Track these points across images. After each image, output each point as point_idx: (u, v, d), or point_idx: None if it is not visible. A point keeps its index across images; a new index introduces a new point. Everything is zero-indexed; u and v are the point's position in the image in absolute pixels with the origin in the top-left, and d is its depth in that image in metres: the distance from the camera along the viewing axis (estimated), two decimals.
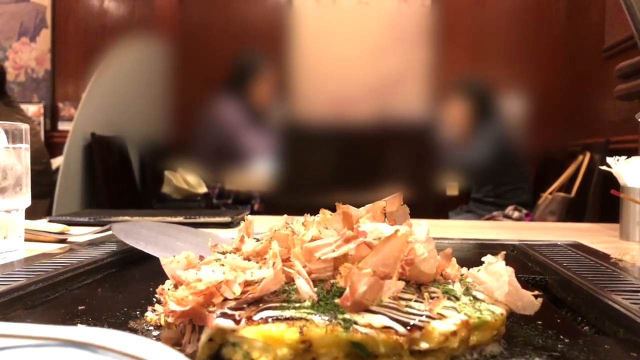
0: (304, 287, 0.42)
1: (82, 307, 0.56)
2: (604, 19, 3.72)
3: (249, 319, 0.40)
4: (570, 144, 4.02)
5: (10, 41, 4.87)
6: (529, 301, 0.46)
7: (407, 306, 0.42)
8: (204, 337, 0.41)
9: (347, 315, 0.40)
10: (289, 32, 1.59)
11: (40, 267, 0.68)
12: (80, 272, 0.69)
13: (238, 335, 0.40)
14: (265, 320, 0.40)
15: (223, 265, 0.46)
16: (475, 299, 0.47)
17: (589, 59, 3.95)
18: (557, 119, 4.41)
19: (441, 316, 0.41)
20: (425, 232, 0.46)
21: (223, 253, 0.52)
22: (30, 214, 0.97)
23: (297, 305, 0.41)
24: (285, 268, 0.44)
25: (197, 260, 0.49)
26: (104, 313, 0.53)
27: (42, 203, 3.36)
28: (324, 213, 0.52)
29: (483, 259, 0.49)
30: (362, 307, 0.40)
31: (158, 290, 0.44)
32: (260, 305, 0.41)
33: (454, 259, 0.51)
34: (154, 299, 0.57)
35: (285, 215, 0.59)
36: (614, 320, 0.53)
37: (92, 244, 0.87)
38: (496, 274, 0.47)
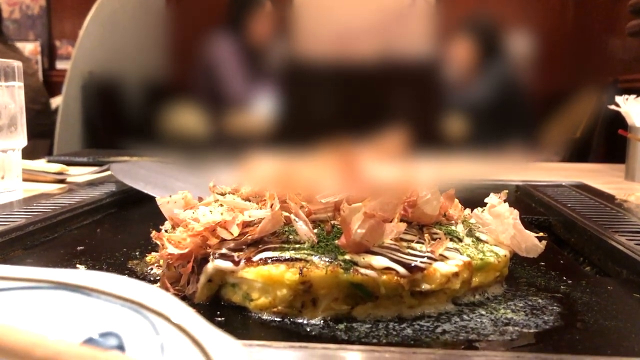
0: (303, 229, 0.42)
1: (81, 247, 0.56)
2: None
3: (249, 260, 0.40)
4: (578, 83, 3.96)
5: None
6: (533, 244, 0.45)
7: (408, 247, 0.41)
8: (203, 278, 0.41)
9: (347, 257, 0.39)
10: None
11: (39, 208, 0.67)
12: (79, 212, 0.68)
13: (237, 277, 0.40)
14: (264, 262, 0.39)
15: (222, 205, 0.46)
16: (479, 240, 0.46)
17: None
18: (564, 57, 4.32)
19: (443, 257, 0.41)
20: (429, 173, 0.45)
21: (222, 194, 0.51)
22: (31, 154, 0.96)
23: (297, 246, 0.41)
24: (284, 212, 0.43)
25: (194, 201, 0.48)
26: (103, 253, 0.53)
27: (42, 143, 3.35)
28: (325, 155, 0.50)
29: (486, 199, 0.48)
30: (363, 249, 0.40)
31: (154, 235, 0.43)
32: (260, 246, 0.41)
33: (457, 200, 0.50)
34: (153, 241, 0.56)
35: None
36: (618, 261, 0.53)
37: (91, 184, 0.87)
38: (500, 217, 0.46)
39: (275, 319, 0.39)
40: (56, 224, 0.63)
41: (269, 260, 0.39)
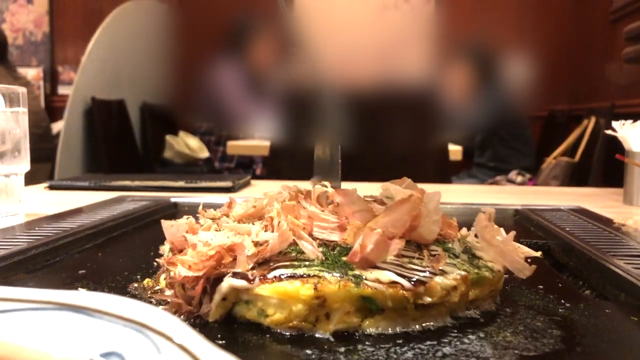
0: (308, 248, 0.43)
1: (83, 271, 0.56)
2: None
3: (263, 277, 0.41)
4: (575, 108, 3.99)
5: (7, 3, 4.79)
6: (522, 266, 0.46)
7: (410, 263, 0.43)
8: (217, 296, 0.42)
9: (356, 272, 0.42)
10: None
11: (40, 232, 0.68)
12: (81, 236, 0.68)
13: (253, 294, 0.41)
14: (279, 279, 0.41)
15: (218, 230, 0.47)
16: (474, 256, 0.48)
17: (596, 20, 3.88)
18: (562, 82, 4.36)
19: (442, 272, 0.43)
20: (436, 200, 0.46)
21: (212, 219, 0.52)
22: (31, 178, 0.97)
23: (307, 263, 0.43)
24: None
25: (197, 225, 0.48)
26: (104, 277, 0.53)
27: (43, 167, 3.36)
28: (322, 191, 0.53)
29: (477, 217, 0.49)
30: (370, 264, 0.42)
31: (162, 261, 0.44)
32: (270, 264, 0.43)
33: (454, 220, 0.51)
34: (155, 263, 0.57)
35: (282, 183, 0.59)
36: (616, 285, 0.53)
37: (92, 208, 0.87)
38: (490, 239, 0.48)
39: (286, 334, 0.41)
40: (57, 248, 0.63)
41: (284, 277, 0.41)
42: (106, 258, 0.64)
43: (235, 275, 0.41)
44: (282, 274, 0.41)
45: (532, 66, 4.14)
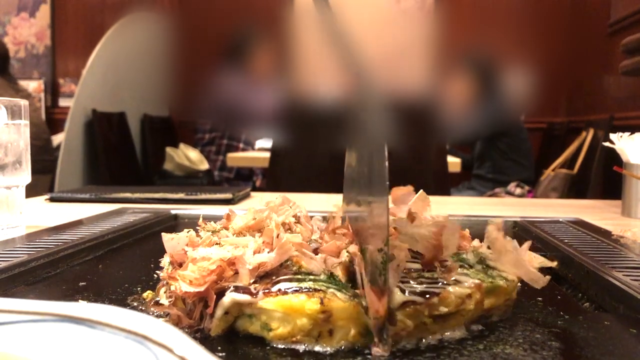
0: (314, 263, 0.43)
1: (83, 283, 0.56)
2: None
3: (267, 290, 0.41)
4: (574, 120, 4.00)
5: (9, 16, 4.83)
6: (537, 277, 0.46)
7: (419, 277, 0.43)
8: (219, 311, 0.41)
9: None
10: (290, 6, 1.57)
11: (41, 244, 0.68)
12: (81, 248, 0.69)
13: (256, 307, 0.41)
14: (284, 292, 0.40)
15: (218, 244, 0.47)
16: (488, 267, 0.48)
17: (594, 34, 3.91)
18: (560, 94, 4.38)
19: (456, 282, 0.43)
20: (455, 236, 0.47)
21: (212, 232, 0.53)
22: (32, 190, 0.97)
23: (313, 277, 0.42)
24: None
25: (197, 239, 0.49)
26: (105, 289, 0.54)
27: (43, 179, 3.36)
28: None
29: (487, 228, 0.49)
30: None
31: (163, 276, 0.44)
32: (273, 278, 0.42)
33: (467, 231, 0.52)
34: (155, 276, 0.57)
35: (282, 195, 0.59)
36: (615, 297, 0.53)
37: (92, 220, 0.87)
38: (502, 251, 0.48)
39: (292, 347, 0.40)
40: (58, 260, 0.63)
41: (289, 291, 0.40)
42: (106, 270, 0.65)
43: (238, 289, 0.41)
44: (288, 288, 0.41)
45: (531, 78, 4.16)
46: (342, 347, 0.40)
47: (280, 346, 0.41)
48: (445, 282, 0.43)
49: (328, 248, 0.46)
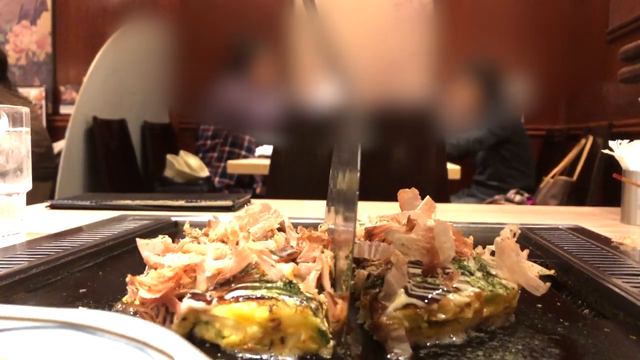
0: (271, 269, 0.43)
1: (84, 290, 0.56)
2: (608, 1, 3.68)
3: (221, 298, 0.41)
4: (573, 127, 4.00)
5: (11, 24, 4.84)
6: (536, 284, 0.47)
7: (423, 282, 0.44)
8: (177, 317, 0.42)
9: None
10: (290, 15, 1.57)
11: (41, 250, 0.68)
12: (82, 255, 0.69)
13: (210, 314, 0.41)
14: (236, 299, 0.41)
15: (187, 251, 0.47)
16: (489, 274, 0.48)
17: (593, 41, 3.92)
18: (559, 101, 4.39)
19: (456, 289, 0.43)
20: (446, 231, 0.47)
21: (195, 237, 0.53)
22: (32, 197, 0.98)
23: (269, 285, 0.42)
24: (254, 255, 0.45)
25: (173, 245, 0.49)
26: (105, 296, 0.54)
27: (44, 186, 3.36)
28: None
29: (501, 232, 0.49)
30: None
31: (128, 279, 0.44)
32: (232, 285, 0.42)
33: (470, 238, 0.53)
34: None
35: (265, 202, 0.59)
36: (614, 304, 0.53)
37: (93, 227, 0.87)
38: (504, 253, 0.48)
39: (246, 356, 0.40)
40: (59, 267, 0.64)
41: (241, 299, 0.40)
42: (107, 277, 0.65)
43: (194, 296, 0.41)
44: (240, 295, 0.41)
45: (530, 85, 4.17)
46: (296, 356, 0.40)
47: (236, 354, 0.40)
48: (446, 289, 0.43)
49: (304, 254, 0.46)
